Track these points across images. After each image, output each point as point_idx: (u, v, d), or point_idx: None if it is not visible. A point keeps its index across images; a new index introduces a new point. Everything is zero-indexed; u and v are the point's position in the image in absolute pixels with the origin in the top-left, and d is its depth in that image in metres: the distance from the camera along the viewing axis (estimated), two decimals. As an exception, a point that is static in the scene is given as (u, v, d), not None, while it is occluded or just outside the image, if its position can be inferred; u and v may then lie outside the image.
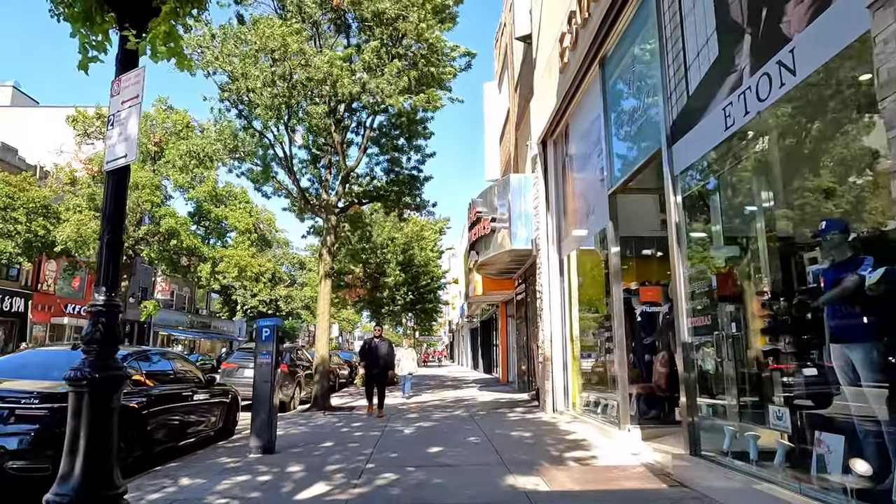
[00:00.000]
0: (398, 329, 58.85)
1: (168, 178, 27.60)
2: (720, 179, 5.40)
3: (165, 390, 6.92)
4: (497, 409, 11.23)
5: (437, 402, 13.44)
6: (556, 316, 10.32)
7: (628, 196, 7.77)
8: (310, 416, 10.74)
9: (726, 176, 5.29)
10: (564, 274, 10.38)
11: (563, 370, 10.12)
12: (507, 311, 19.35)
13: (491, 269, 13.84)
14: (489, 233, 11.76)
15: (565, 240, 10.38)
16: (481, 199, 12.64)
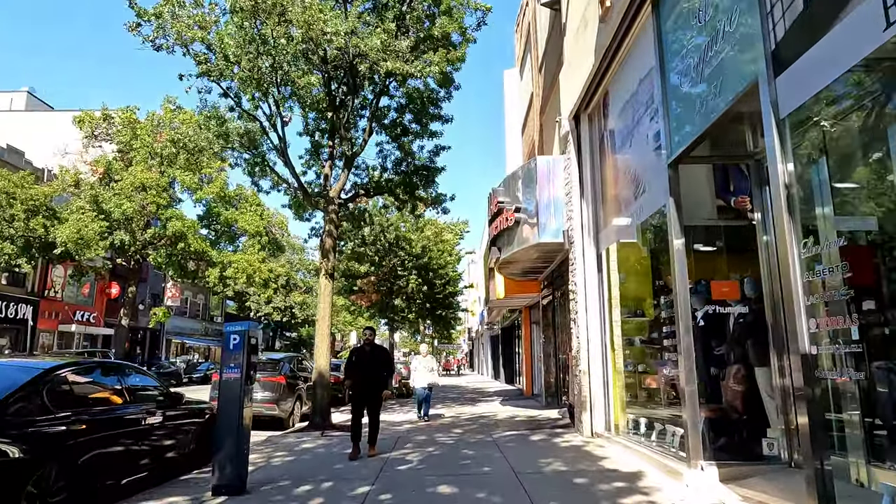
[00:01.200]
0: (416, 337, 57.39)
1: (176, 180, 26.61)
2: (857, 119, 3.78)
3: (100, 414, 5.45)
4: (524, 429, 9.60)
5: (453, 419, 11.84)
6: (593, 320, 8.69)
7: (686, 170, 6.14)
8: (304, 439, 9.24)
9: (867, 114, 3.66)
10: (603, 270, 8.76)
11: (604, 386, 8.48)
12: (531, 317, 17.71)
13: (514, 269, 12.26)
14: (512, 225, 10.20)
15: (604, 230, 8.77)
16: (503, 187, 11.09)
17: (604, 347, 8.58)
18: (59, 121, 35.07)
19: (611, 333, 8.58)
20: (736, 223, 6.81)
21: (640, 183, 7.06)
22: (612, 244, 8.73)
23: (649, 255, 8.36)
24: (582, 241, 8.97)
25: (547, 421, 10.58)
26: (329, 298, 10.59)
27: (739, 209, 7.01)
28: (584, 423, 8.48)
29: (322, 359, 10.26)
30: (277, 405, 11.15)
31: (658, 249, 8.16)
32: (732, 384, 6.21)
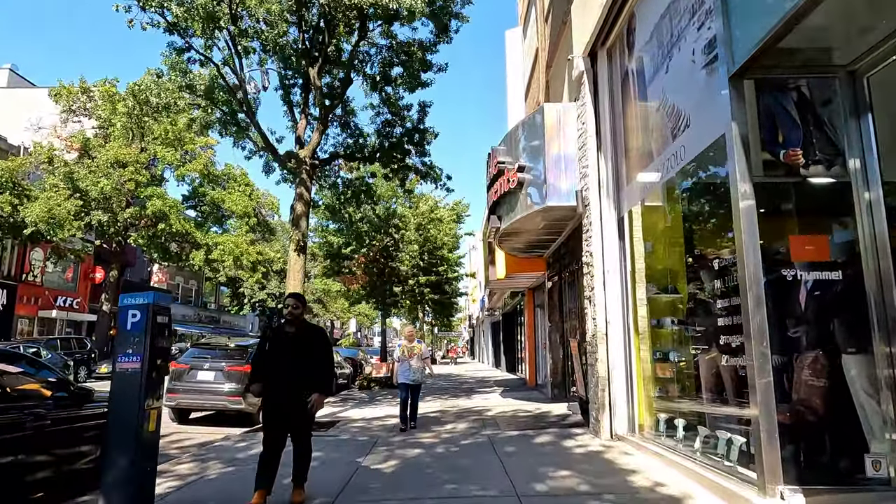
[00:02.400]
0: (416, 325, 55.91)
1: (157, 157, 25.01)
2: None
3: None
4: (528, 428, 8.10)
5: (448, 414, 10.35)
6: (613, 299, 7.15)
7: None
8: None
9: None
10: (625, 238, 7.20)
11: (626, 378, 6.95)
12: (534, 300, 16.19)
13: (517, 242, 10.68)
14: (515, 188, 8.62)
15: (626, 189, 7.21)
16: (504, 146, 9.49)
17: (626, 331, 7.05)
18: (41, 98, 33.44)
19: (634, 314, 7.05)
20: (787, 180, 5.27)
21: (680, 117, 5.47)
22: (635, 205, 7.17)
23: (682, 218, 6.83)
24: (599, 202, 7.40)
25: (555, 418, 9.08)
26: (300, 274, 9.07)
27: (791, 164, 5.46)
28: (602, 422, 6.97)
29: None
30: (244, 398, 9.67)
31: (695, 212, 6.60)
32: (809, 377, 4.66)
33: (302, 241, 8.99)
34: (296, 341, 4.71)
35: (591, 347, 7.41)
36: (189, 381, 9.83)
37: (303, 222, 9.06)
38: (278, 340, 4.77)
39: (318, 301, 47.43)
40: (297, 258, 9.05)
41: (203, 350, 10.51)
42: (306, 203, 9.26)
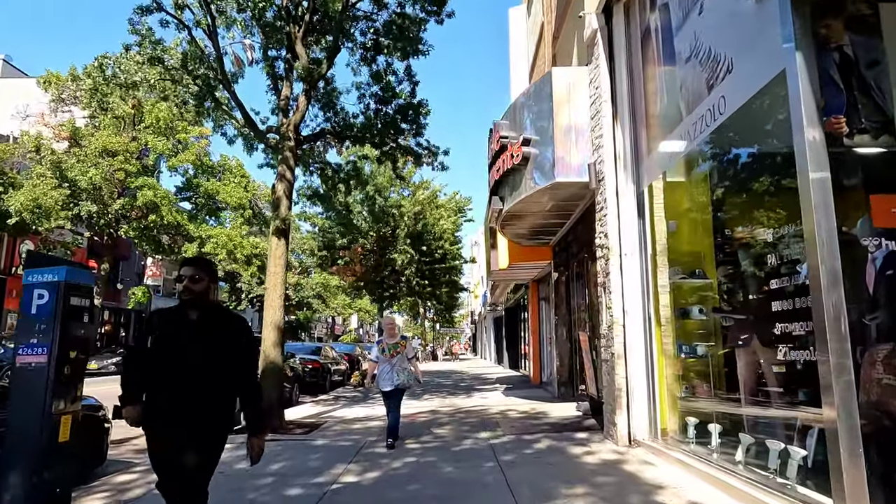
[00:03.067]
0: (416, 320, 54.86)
1: (148, 147, 24.15)
2: None
3: None
4: (534, 432, 7.24)
5: (442, 415, 9.50)
6: (632, 285, 6.27)
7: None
8: (240, 443, 6.88)
9: None
10: (645, 216, 6.32)
11: (647, 375, 6.08)
12: (538, 293, 15.31)
13: (521, 227, 9.80)
14: (519, 164, 7.73)
15: (647, 161, 6.33)
16: (507, 119, 8.61)
17: (646, 322, 6.18)
18: (33, 88, 32.69)
19: (655, 303, 6.18)
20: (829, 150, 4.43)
21: (718, 63, 4.57)
22: (656, 179, 6.30)
23: (711, 190, 5.97)
24: (615, 176, 6.52)
25: (563, 419, 8.22)
26: (282, 261, 8.20)
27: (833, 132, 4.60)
28: (619, 426, 6.10)
29: (271, 340, 7.89)
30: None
31: (731, 180, 5.72)
32: (881, 374, 3.79)
33: (283, 224, 8.12)
34: (200, 334, 2.83)
35: (606, 341, 6.54)
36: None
37: (283, 205, 8.19)
38: (170, 334, 2.83)
39: (318, 296, 46.70)
40: (277, 243, 8.19)
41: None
42: (288, 183, 8.39)
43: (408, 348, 6.81)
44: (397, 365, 6.62)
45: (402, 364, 6.68)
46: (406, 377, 6.68)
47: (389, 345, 6.69)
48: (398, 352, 6.66)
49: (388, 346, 6.67)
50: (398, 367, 6.62)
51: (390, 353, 6.62)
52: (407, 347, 6.79)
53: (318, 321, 66.00)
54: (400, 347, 6.71)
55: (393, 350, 6.64)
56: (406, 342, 6.84)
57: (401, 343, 6.77)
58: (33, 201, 19.82)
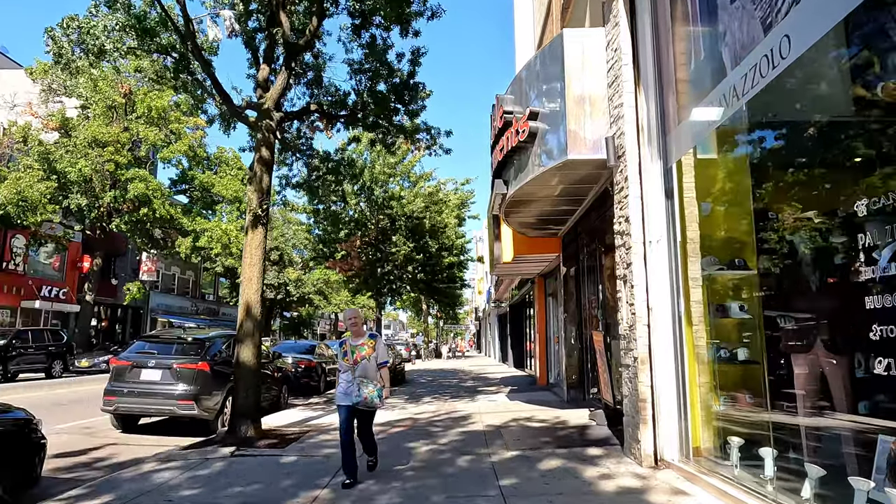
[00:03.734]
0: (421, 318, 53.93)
1: (140, 138, 23.35)
2: None
3: None
4: (542, 446, 6.34)
5: (440, 422, 8.62)
6: (658, 277, 5.36)
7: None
8: (201, 459, 6.02)
9: None
10: (674, 196, 5.40)
11: (677, 384, 5.16)
12: (545, 289, 14.40)
13: (527, 215, 8.87)
14: (526, 140, 6.81)
15: (674, 131, 5.41)
16: (512, 94, 7.68)
17: (676, 321, 5.26)
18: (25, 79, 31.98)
19: (686, 298, 5.26)
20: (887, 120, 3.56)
21: None
22: (686, 153, 5.37)
23: (754, 164, 5.05)
24: (638, 151, 5.60)
25: (574, 430, 7.31)
26: (259, 251, 7.33)
27: (892, 100, 3.71)
28: (643, 442, 5.18)
29: (249, 338, 7.01)
30: (197, 402, 8.00)
31: (780, 161, 4.79)
32: None
33: (260, 210, 7.23)
34: None
35: (627, 342, 5.62)
36: (131, 381, 8.14)
37: (261, 189, 7.30)
38: None
39: (320, 293, 45.92)
40: (254, 231, 7.32)
41: (151, 344, 8.81)
42: (267, 165, 7.50)
43: (377, 351, 5.01)
44: (361, 373, 4.88)
45: (368, 373, 4.92)
46: (374, 393, 4.84)
47: (353, 346, 5.00)
48: (364, 356, 4.92)
49: (351, 348, 4.99)
50: (361, 378, 4.85)
51: (353, 356, 4.92)
52: (376, 350, 5.00)
53: (320, 318, 65.31)
54: (366, 350, 4.94)
55: (356, 353, 4.94)
56: (375, 342, 5.04)
57: (367, 344, 4.99)
58: (17, 194, 19.04)
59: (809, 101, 4.34)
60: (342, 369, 5.01)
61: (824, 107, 4.22)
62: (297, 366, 13.60)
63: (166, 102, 22.81)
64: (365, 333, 5.13)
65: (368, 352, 4.97)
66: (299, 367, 13.61)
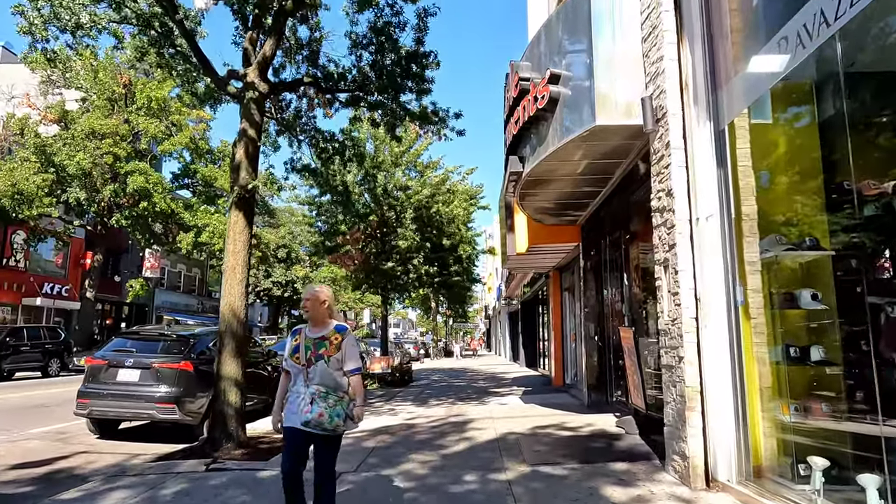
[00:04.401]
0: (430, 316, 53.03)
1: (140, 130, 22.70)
2: None
3: None
4: (564, 460, 5.48)
5: (447, 429, 7.78)
6: (710, 261, 4.47)
7: None
8: (161, 476, 5.22)
9: None
10: (727, 165, 4.51)
11: (734, 390, 4.28)
12: (561, 284, 13.50)
13: (544, 198, 7.98)
14: (545, 108, 5.94)
15: (728, 88, 4.52)
16: (528, 60, 6.80)
17: (731, 313, 4.36)
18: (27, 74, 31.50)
19: (743, 285, 4.37)
20: None
21: None
22: (741, 113, 4.48)
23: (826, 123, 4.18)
24: (681, 113, 4.71)
25: (600, 439, 6.43)
26: (243, 237, 6.51)
27: None
28: (691, 458, 4.30)
29: (232, 334, 6.20)
30: (179, 405, 7.22)
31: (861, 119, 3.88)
32: None
33: (244, 193, 6.43)
34: None
35: (668, 339, 4.74)
36: (107, 381, 7.38)
37: (245, 170, 6.50)
38: None
39: (327, 290, 45.19)
40: (238, 216, 6.51)
41: (131, 341, 8.03)
42: (252, 143, 6.70)
43: (344, 351, 3.38)
44: (318, 380, 3.31)
45: (329, 380, 3.32)
46: (335, 409, 3.25)
47: (309, 339, 3.42)
48: (325, 354, 3.34)
49: (306, 343, 3.41)
50: (317, 387, 3.28)
51: (306, 355, 3.36)
52: (343, 349, 3.38)
53: (330, 315, 64.76)
54: (329, 346, 3.36)
55: (312, 350, 3.37)
56: (342, 338, 3.41)
57: (331, 339, 3.39)
58: (12, 186, 18.43)
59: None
60: (292, 372, 3.42)
61: None
62: (296, 365, 12.82)
63: (167, 93, 22.15)
64: (330, 324, 3.46)
65: (330, 350, 3.34)
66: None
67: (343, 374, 3.39)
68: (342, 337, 3.43)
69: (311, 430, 3.25)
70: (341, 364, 3.38)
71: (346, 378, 3.39)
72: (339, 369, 3.38)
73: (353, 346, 3.46)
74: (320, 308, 3.47)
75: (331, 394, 3.29)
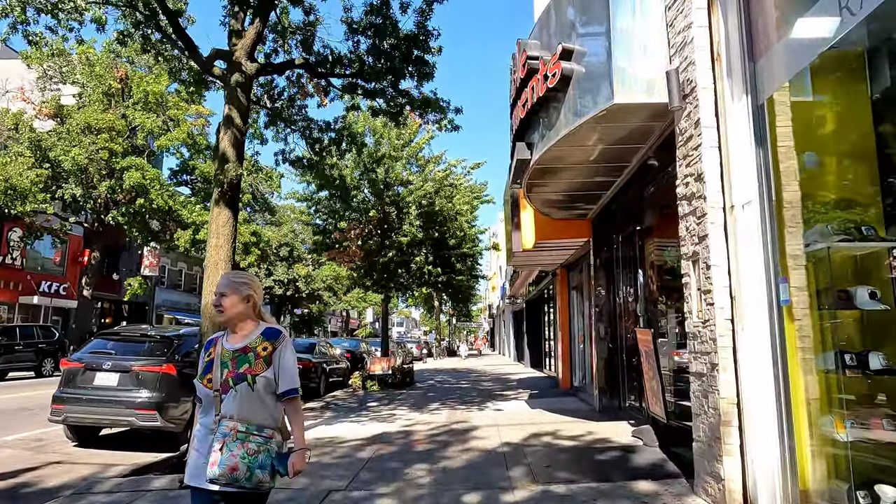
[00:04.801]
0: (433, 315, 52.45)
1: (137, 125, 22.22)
2: None
3: None
4: (575, 478, 4.94)
5: (445, 434, 7.25)
6: (748, 254, 3.92)
7: None
8: (127, 497, 4.70)
9: None
10: (766, 144, 3.96)
11: (777, 401, 3.73)
12: (569, 282, 12.95)
13: (553, 189, 7.42)
14: (556, 86, 5.39)
15: (767, 58, 3.96)
16: (536, 38, 6.26)
17: (773, 313, 3.81)
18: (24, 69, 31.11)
19: (786, 279, 3.82)
20: None
21: None
22: (783, 86, 3.94)
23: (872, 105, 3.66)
24: (713, 86, 4.16)
25: (615, 450, 5.88)
26: (227, 231, 6.00)
27: None
28: (728, 480, 3.76)
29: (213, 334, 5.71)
30: (161, 411, 6.72)
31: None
32: None
33: (228, 184, 5.91)
34: None
35: (698, 343, 4.19)
36: (83, 386, 6.87)
37: (230, 159, 5.97)
38: None
39: (329, 289, 44.93)
40: (221, 209, 6.00)
41: (112, 342, 7.52)
42: (238, 129, 6.17)
43: (277, 362, 2.33)
44: (236, 412, 2.25)
45: (254, 411, 2.28)
46: (256, 458, 2.19)
47: (228, 353, 2.34)
48: (248, 373, 2.28)
49: (224, 358, 2.32)
50: (234, 424, 2.22)
51: (221, 375, 2.29)
52: (276, 361, 2.33)
53: (331, 315, 64.35)
54: (255, 361, 2.30)
55: (231, 367, 2.30)
56: (274, 345, 2.35)
57: (257, 349, 2.34)
58: (5, 181, 17.99)
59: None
60: (203, 399, 2.36)
61: None
62: (293, 366, 12.32)
63: (164, 87, 21.69)
64: (256, 329, 2.40)
65: (257, 367, 2.28)
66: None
67: (276, 399, 2.32)
68: (274, 346, 2.32)
69: (224, 490, 2.18)
70: (274, 386, 2.29)
71: (278, 407, 2.32)
72: (271, 393, 2.31)
73: (290, 358, 2.35)
74: (241, 306, 2.36)
75: (253, 434, 2.19)
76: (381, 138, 14.46)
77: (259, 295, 2.47)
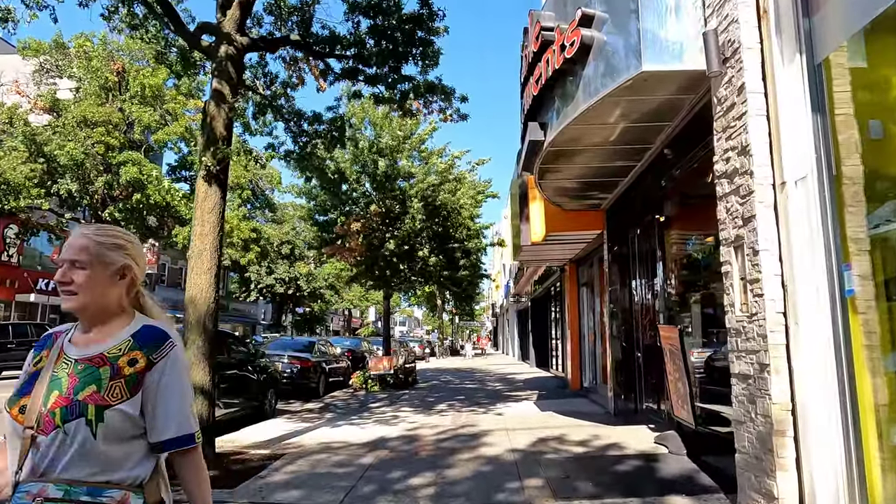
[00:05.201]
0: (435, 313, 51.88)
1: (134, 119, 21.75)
2: None
3: None
4: (599, 493, 4.43)
5: (450, 439, 6.75)
6: (802, 238, 3.39)
7: None
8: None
9: None
10: (824, 111, 3.42)
11: (842, 408, 3.19)
12: (578, 278, 12.42)
13: (567, 175, 6.88)
14: (575, 56, 4.87)
15: (823, 13, 3.43)
16: (551, 10, 5.74)
17: (835, 306, 3.29)
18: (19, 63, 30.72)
19: (849, 266, 3.30)
20: None
21: None
22: (839, 46, 3.42)
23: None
24: (760, 46, 3.63)
25: (639, 460, 5.36)
26: (214, 217, 5.50)
27: None
28: (782, 500, 3.23)
29: (197, 330, 5.19)
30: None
31: None
32: None
33: (214, 164, 5.40)
34: None
35: (746, 341, 3.67)
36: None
37: (215, 137, 5.46)
38: None
39: (331, 287, 44.50)
40: (208, 191, 5.51)
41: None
42: (227, 107, 5.67)
43: (153, 393, 1.29)
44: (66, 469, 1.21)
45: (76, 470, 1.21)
46: None
47: (70, 362, 1.30)
48: (94, 402, 1.23)
49: (58, 373, 1.28)
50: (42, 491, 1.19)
51: (50, 403, 1.24)
52: (150, 384, 1.29)
53: (334, 314, 63.86)
54: (115, 381, 1.27)
55: (69, 387, 1.25)
56: (151, 357, 1.32)
57: (119, 363, 1.30)
58: (-2, 176, 17.54)
59: None
60: (9, 437, 1.29)
61: None
62: (291, 366, 11.85)
63: (161, 80, 21.23)
64: (125, 326, 1.39)
65: (109, 395, 1.26)
66: (294, 368, 11.85)
67: (149, 450, 1.33)
68: (150, 359, 1.33)
69: None
70: (140, 429, 1.30)
71: (147, 459, 1.33)
72: (132, 439, 1.29)
73: (179, 384, 1.35)
74: (107, 285, 1.38)
75: (79, 500, 1.21)
76: (382, 130, 13.96)
77: (141, 268, 1.49)
